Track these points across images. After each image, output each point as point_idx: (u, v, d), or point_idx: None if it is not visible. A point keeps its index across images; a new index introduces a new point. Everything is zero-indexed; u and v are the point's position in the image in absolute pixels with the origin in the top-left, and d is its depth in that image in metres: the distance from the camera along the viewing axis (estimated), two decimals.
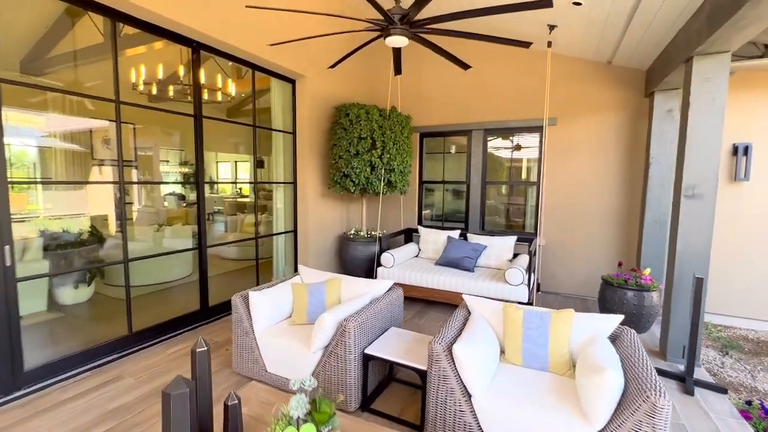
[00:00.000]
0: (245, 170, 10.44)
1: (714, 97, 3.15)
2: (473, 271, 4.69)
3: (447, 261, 4.89)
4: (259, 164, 6.43)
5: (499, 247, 4.95)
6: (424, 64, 5.85)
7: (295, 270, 5.38)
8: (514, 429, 1.96)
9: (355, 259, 5.42)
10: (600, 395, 1.80)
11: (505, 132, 5.65)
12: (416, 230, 5.85)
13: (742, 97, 4.44)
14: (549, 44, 4.34)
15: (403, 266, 4.85)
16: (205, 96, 4.31)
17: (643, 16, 3.56)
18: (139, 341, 3.48)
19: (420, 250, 5.51)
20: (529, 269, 4.21)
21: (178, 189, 8.52)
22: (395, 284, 3.17)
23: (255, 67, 4.48)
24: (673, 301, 3.38)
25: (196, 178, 3.97)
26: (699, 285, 2.95)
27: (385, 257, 4.84)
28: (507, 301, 4.18)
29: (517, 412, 1.97)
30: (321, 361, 2.60)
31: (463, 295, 2.81)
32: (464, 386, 2.12)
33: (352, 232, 5.58)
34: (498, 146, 5.87)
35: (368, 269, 5.40)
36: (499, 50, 5.25)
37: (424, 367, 2.37)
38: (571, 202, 5.17)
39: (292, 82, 5.05)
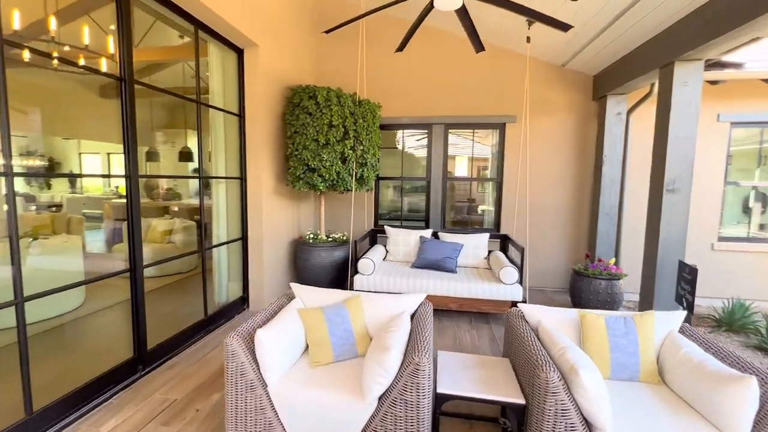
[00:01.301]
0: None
1: (691, 100, 3.46)
2: (456, 272, 4.44)
3: (426, 263, 4.54)
4: (184, 156, 5.10)
5: (474, 246, 4.81)
6: (384, 53, 5.35)
7: (245, 292, 4.36)
8: None
9: (317, 267, 4.66)
10: (743, 405, 1.65)
11: (468, 127, 5.56)
12: (381, 231, 5.35)
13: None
14: (528, 39, 4.32)
15: (382, 272, 4.33)
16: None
17: (615, 31, 3.77)
18: (46, 425, 2.23)
19: (388, 252, 5.04)
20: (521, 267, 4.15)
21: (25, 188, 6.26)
22: (426, 298, 2.66)
23: (198, 25, 3.38)
24: (657, 284, 3.65)
25: (127, 169, 2.77)
26: (694, 273, 3.19)
27: (365, 263, 4.24)
28: (502, 301, 4.04)
29: None
30: (377, 414, 1.96)
31: (519, 305, 2.47)
32: (585, 420, 1.77)
33: (310, 235, 4.79)
34: (459, 142, 5.76)
35: (335, 278, 4.70)
36: (464, 45, 5.10)
37: (520, 401, 1.95)
38: (530, 198, 5.32)
39: (240, 52, 4.02)
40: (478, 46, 2.97)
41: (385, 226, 5.18)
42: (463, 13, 2.31)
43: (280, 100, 4.55)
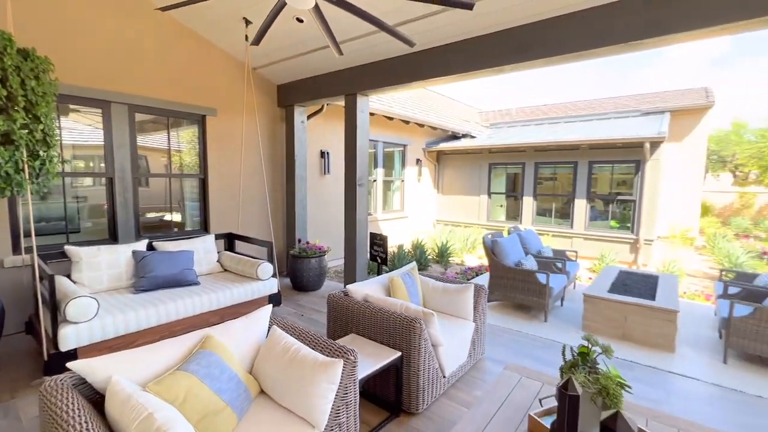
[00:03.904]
0: None
1: (365, 120, 5.05)
2: (200, 283, 3.89)
3: (159, 282, 3.63)
4: None
5: (205, 251, 4.33)
6: None
7: None
8: None
9: None
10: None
11: (162, 114, 4.64)
12: (55, 256, 3.48)
13: (328, 121, 6.76)
14: (246, 38, 4.34)
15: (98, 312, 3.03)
16: None
17: (312, 61, 4.74)
18: None
19: (76, 283, 3.45)
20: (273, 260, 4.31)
21: None
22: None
23: None
24: (357, 251, 5.11)
25: None
26: (384, 239, 4.85)
27: (80, 305, 2.78)
28: (260, 298, 4.09)
29: None
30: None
31: (347, 287, 2.92)
32: (433, 344, 2.65)
33: None
34: (153, 130, 4.66)
35: None
36: (167, 20, 4.21)
37: (398, 354, 2.51)
38: (235, 192, 5.33)
39: None
40: (337, 50, 2.83)
41: (66, 248, 3.45)
42: (317, 12, 2.26)
43: None
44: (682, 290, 5.87)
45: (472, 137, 11.13)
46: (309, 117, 6.10)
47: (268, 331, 2.29)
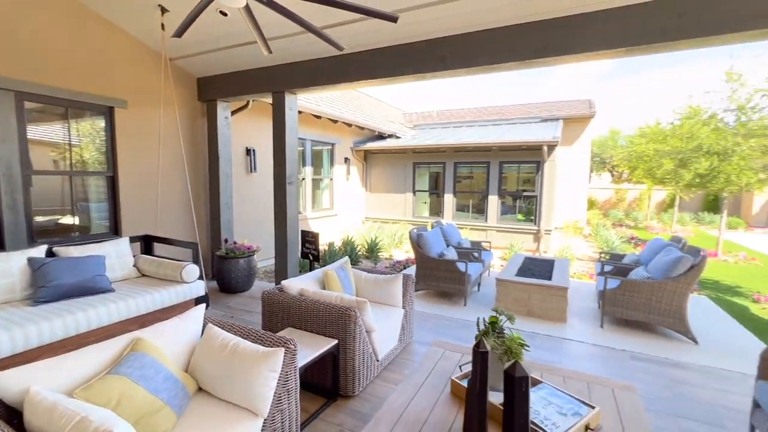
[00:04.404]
0: None
1: (294, 119, 5.06)
2: (115, 290, 3.59)
3: (65, 290, 3.28)
4: None
5: (117, 254, 3.98)
6: None
7: None
8: None
9: None
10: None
11: (58, 103, 4.12)
12: None
13: (254, 117, 6.54)
14: (163, 27, 4.06)
15: None
16: None
17: (237, 56, 4.62)
18: None
19: None
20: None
21: None
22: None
23: None
24: (289, 248, 5.10)
25: None
26: (315, 236, 4.93)
27: None
28: (185, 302, 3.91)
29: None
30: (269, 419, 1.93)
31: (282, 283, 2.98)
32: (366, 330, 2.85)
33: None
34: (49, 121, 4.11)
35: None
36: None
37: (335, 341, 2.65)
38: (152, 191, 4.95)
39: None
40: (266, 48, 2.74)
41: None
42: (247, 10, 2.24)
43: None
44: (572, 271, 6.92)
45: (398, 137, 11.63)
46: (233, 113, 5.88)
47: (203, 330, 2.27)
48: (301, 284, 3.12)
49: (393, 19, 2.45)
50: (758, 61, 7.21)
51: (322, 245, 8.03)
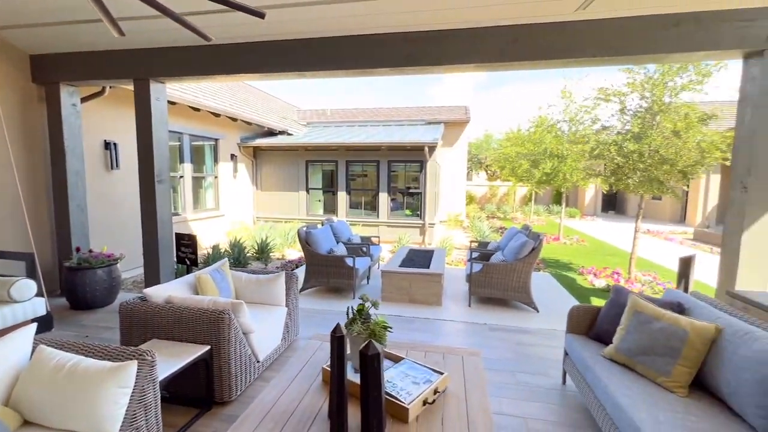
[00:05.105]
0: None
1: (159, 111, 4.56)
2: None
3: None
4: None
5: None
6: None
7: None
8: None
9: None
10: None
11: None
12: None
13: (113, 106, 5.63)
14: None
15: None
16: None
17: (84, 32, 3.99)
18: None
19: None
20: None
21: None
22: None
23: None
24: (161, 253, 4.62)
25: None
26: (193, 239, 4.55)
27: None
28: (15, 325, 3.26)
29: None
30: None
31: (144, 291, 2.71)
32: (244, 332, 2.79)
33: None
34: None
35: None
36: None
37: (207, 347, 2.52)
38: None
39: None
40: (116, 30, 2.24)
41: None
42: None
43: None
44: (450, 259, 7.74)
45: (290, 134, 11.36)
46: (84, 100, 5.04)
47: (32, 353, 1.95)
48: (168, 291, 2.88)
49: (260, 15, 2.43)
50: (581, 83, 9.07)
51: (206, 248, 7.45)
